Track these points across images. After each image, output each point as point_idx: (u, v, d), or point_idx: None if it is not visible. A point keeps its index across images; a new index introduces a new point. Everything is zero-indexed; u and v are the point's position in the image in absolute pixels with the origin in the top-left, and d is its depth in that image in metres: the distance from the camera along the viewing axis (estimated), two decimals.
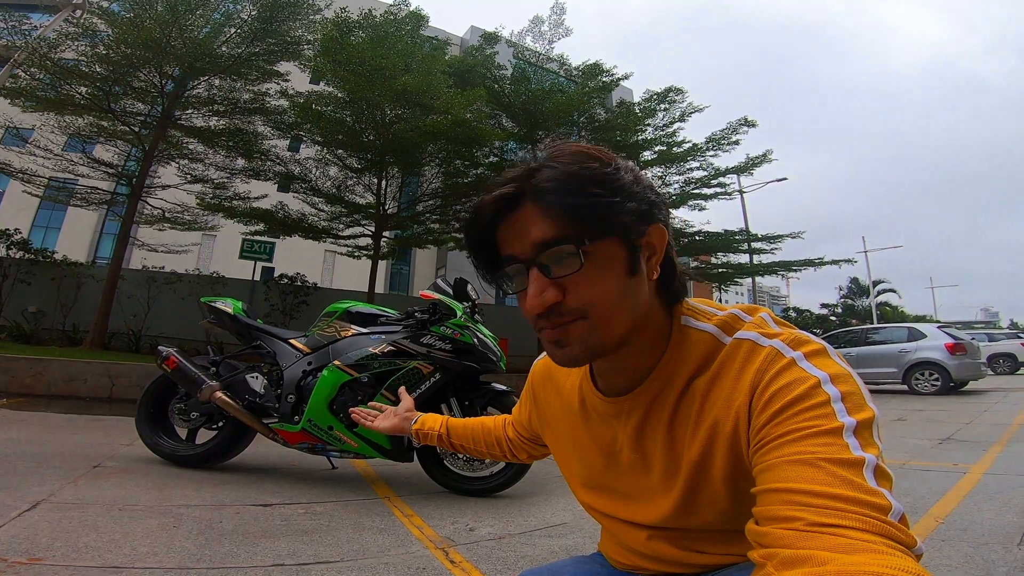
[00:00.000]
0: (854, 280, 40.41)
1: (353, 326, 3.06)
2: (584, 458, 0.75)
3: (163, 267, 11.46)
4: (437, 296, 2.94)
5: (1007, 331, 24.07)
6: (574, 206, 0.55)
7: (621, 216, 0.56)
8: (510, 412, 3.06)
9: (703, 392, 0.59)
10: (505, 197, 0.58)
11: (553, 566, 0.79)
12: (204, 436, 3.13)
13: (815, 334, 0.67)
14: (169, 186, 11.45)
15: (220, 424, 3.10)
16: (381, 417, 1.10)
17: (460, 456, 2.82)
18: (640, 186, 0.59)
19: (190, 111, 10.80)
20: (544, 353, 0.85)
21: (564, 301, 0.56)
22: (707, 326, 0.62)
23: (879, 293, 37.89)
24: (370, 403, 1.21)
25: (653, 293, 0.62)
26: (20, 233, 10.44)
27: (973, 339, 10.77)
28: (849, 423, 0.47)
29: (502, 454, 1.01)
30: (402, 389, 1.20)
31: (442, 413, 2.90)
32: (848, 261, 15.16)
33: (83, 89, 9.55)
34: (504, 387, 3.00)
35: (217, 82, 10.61)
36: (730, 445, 0.56)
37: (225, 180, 11.69)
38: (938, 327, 10.84)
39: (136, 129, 10.45)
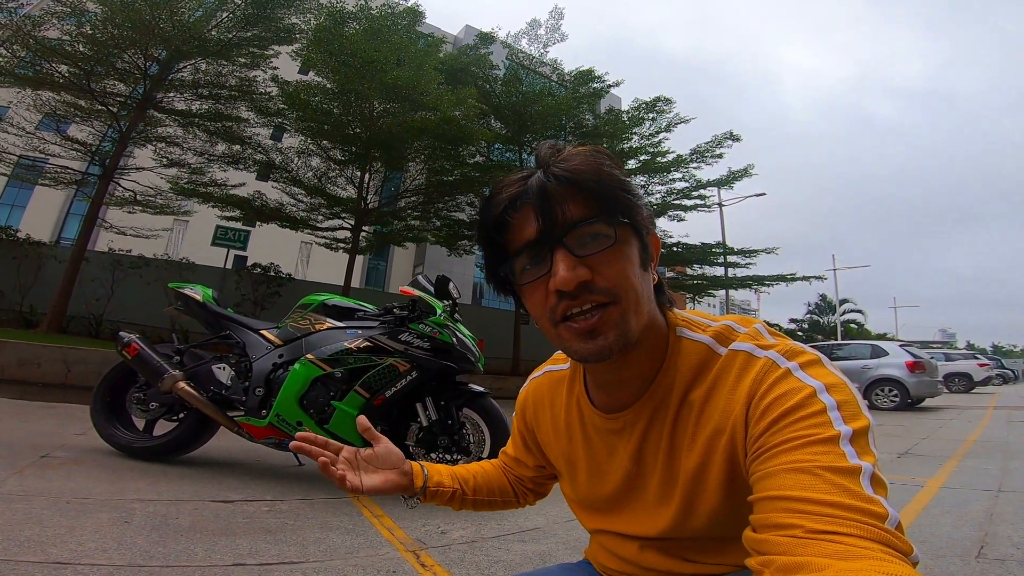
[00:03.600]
0: (822, 296, 41.56)
1: (329, 319, 2.97)
2: (579, 475, 0.75)
3: (130, 250, 11.04)
4: (417, 293, 2.88)
5: (963, 351, 25.12)
6: (605, 189, 0.58)
7: (638, 210, 0.60)
8: (486, 413, 3.02)
9: (700, 403, 0.60)
10: (528, 179, 0.59)
11: (539, 573, 0.78)
12: (163, 428, 3.00)
13: None
14: (144, 169, 11.08)
15: (181, 416, 2.98)
16: (364, 472, 0.74)
17: (432, 455, 2.77)
18: (640, 192, 0.62)
19: (172, 94, 10.52)
20: (529, 380, 0.85)
21: (593, 281, 0.56)
22: (702, 337, 0.63)
23: (844, 312, 39.09)
24: (331, 446, 0.74)
25: (653, 297, 0.64)
26: None
27: (931, 358, 11.18)
28: (845, 432, 0.48)
29: (514, 498, 0.90)
30: (368, 427, 0.77)
31: (417, 413, 2.85)
32: (818, 278, 15.61)
33: (63, 68, 9.26)
34: (481, 388, 2.95)
35: (204, 66, 10.35)
36: (727, 455, 0.57)
37: (203, 165, 11.37)
38: (899, 345, 11.22)
39: (114, 110, 10.11)
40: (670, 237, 14.95)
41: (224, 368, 3.00)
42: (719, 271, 16.06)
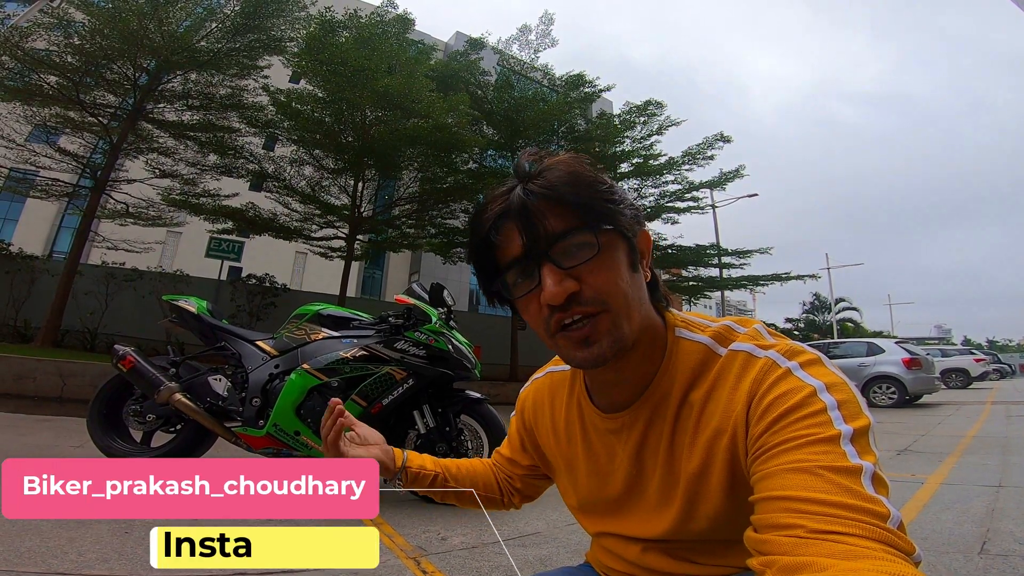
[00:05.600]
0: (816, 295, 41.71)
1: (324, 329, 2.96)
2: (580, 477, 0.74)
3: (123, 263, 11.00)
4: (412, 301, 2.88)
5: (960, 347, 25.21)
6: (584, 199, 0.58)
7: (621, 212, 0.60)
8: (484, 420, 3.01)
9: (701, 403, 0.60)
10: (509, 195, 0.59)
11: None
12: (160, 439, 2.98)
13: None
14: (135, 180, 11.04)
15: (178, 427, 2.96)
16: (354, 446, 0.80)
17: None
18: (624, 194, 0.63)
19: (163, 105, 10.50)
20: (531, 380, 0.85)
21: (581, 291, 0.57)
22: (701, 337, 0.63)
23: (840, 311, 39.27)
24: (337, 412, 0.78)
25: (647, 298, 0.64)
26: None
27: (928, 354, 11.23)
28: (846, 431, 0.47)
29: (499, 495, 0.90)
30: (342, 409, 0.80)
31: (414, 420, 2.84)
32: (812, 276, 15.73)
33: (52, 79, 9.25)
34: (478, 394, 2.95)
35: (194, 76, 10.35)
36: (729, 456, 0.56)
37: (195, 176, 11.35)
38: (896, 343, 11.26)
39: (105, 121, 10.09)
40: (664, 239, 15.00)
41: (220, 379, 2.99)
42: (714, 272, 16.12)
